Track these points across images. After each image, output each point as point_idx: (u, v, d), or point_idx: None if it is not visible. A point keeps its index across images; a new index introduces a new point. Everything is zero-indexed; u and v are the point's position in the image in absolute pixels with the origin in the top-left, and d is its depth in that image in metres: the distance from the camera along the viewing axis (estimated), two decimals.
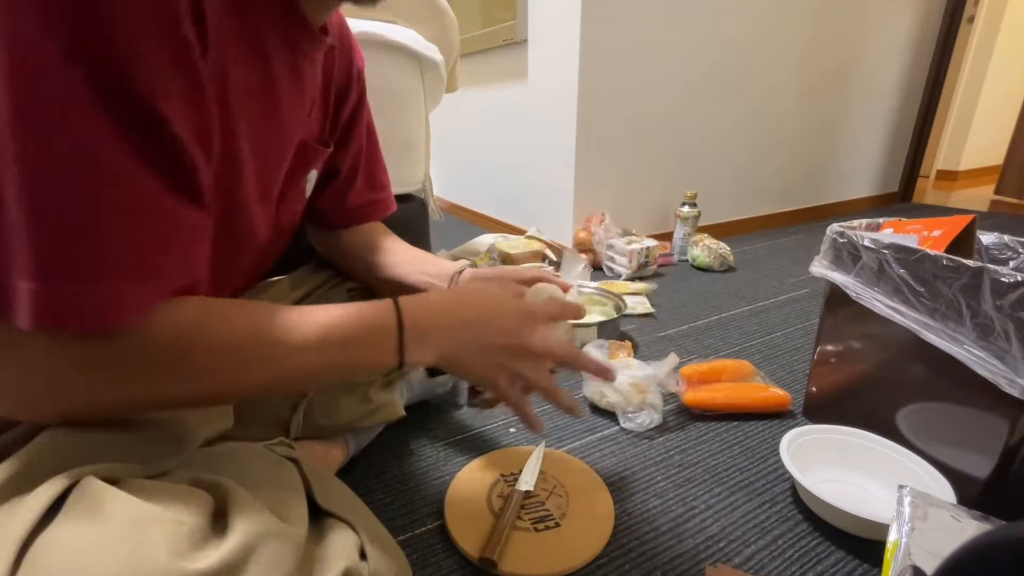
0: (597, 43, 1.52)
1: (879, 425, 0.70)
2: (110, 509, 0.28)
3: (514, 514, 0.61)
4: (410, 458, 0.74)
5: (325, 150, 0.57)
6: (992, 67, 3.04)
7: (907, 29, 2.25)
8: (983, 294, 0.56)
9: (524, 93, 1.82)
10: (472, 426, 0.82)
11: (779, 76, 1.95)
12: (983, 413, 0.59)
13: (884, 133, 2.43)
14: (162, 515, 0.28)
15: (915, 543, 0.43)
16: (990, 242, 0.76)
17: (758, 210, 2.14)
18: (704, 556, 0.59)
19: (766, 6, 1.79)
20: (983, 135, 3.21)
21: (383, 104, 0.94)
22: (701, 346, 1.10)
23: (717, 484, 0.70)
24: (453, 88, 1.17)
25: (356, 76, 0.61)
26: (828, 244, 0.75)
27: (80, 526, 0.27)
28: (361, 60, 0.62)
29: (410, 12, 0.99)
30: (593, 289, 1.23)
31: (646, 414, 0.81)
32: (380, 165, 0.70)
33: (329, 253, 0.70)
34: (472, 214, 2.43)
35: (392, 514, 0.64)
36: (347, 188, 0.65)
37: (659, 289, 1.45)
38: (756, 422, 0.83)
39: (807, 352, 1.05)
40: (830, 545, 0.60)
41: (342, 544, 0.35)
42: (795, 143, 2.12)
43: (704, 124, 1.84)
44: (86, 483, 0.29)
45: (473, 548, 0.57)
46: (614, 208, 1.73)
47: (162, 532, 0.27)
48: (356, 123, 0.63)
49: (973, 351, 0.57)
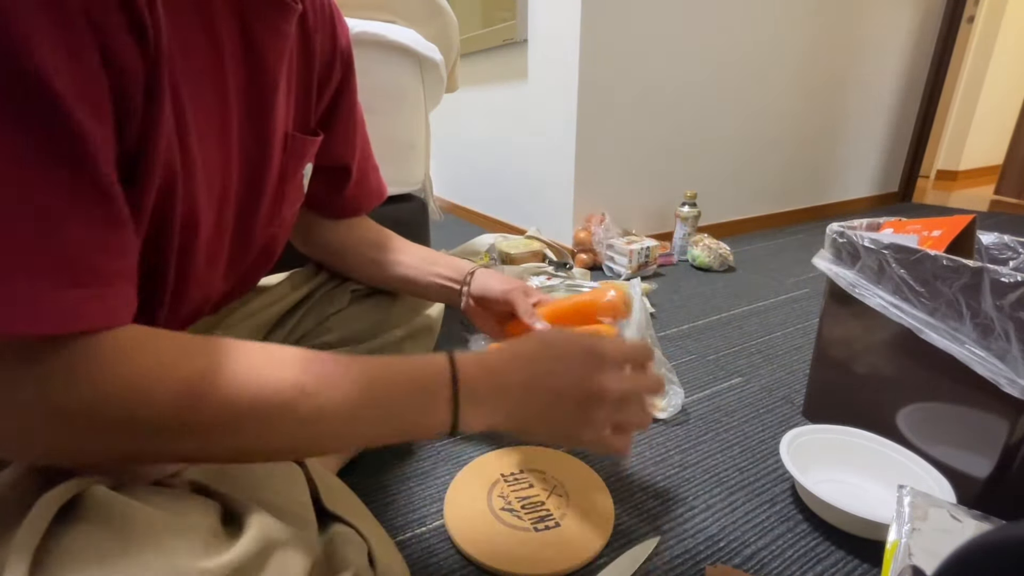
0: (597, 43, 1.52)
1: (879, 425, 0.69)
2: (127, 516, 0.27)
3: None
4: (410, 458, 0.74)
5: (315, 139, 0.52)
6: (992, 67, 3.05)
7: (907, 29, 2.25)
8: (983, 294, 0.56)
9: (524, 93, 1.82)
10: None
11: (779, 76, 1.95)
12: (983, 413, 0.59)
13: (884, 133, 2.43)
14: (176, 521, 0.28)
15: (915, 543, 0.43)
16: (990, 242, 0.76)
17: (758, 210, 2.14)
18: (704, 556, 0.59)
19: (766, 5, 1.80)
20: (983, 135, 3.22)
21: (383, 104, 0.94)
22: (701, 346, 1.10)
23: (717, 484, 0.70)
24: (453, 88, 1.17)
25: (340, 54, 0.54)
26: (828, 244, 0.75)
27: (99, 534, 0.26)
28: (346, 37, 0.56)
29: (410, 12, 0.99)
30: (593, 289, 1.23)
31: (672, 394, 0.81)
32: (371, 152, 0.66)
33: (325, 254, 0.67)
34: (472, 214, 2.43)
35: (392, 514, 0.64)
36: (345, 177, 0.61)
37: (659, 289, 1.45)
38: (756, 422, 0.83)
39: (807, 352, 1.05)
40: (830, 545, 0.60)
41: (350, 549, 0.35)
42: (795, 143, 2.12)
43: (704, 124, 1.84)
44: (96, 491, 0.28)
45: (473, 548, 0.58)
46: (614, 208, 1.73)
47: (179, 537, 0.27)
48: (339, 107, 0.57)
49: (973, 351, 0.57)
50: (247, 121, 0.42)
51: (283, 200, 0.51)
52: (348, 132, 0.59)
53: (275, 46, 0.42)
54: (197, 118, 0.35)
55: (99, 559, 0.25)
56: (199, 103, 0.35)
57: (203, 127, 0.36)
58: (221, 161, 0.40)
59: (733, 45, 1.78)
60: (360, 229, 0.66)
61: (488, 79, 2.05)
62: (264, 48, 0.40)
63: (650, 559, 0.58)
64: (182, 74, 0.33)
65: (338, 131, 0.58)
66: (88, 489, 0.28)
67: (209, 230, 0.40)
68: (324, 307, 0.66)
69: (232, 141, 0.40)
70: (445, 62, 1.04)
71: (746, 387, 0.93)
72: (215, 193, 0.40)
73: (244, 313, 0.61)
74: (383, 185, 0.69)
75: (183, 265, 0.38)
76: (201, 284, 0.43)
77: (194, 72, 0.34)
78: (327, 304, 0.66)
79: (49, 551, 0.25)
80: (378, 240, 0.65)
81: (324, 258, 0.67)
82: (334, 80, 0.55)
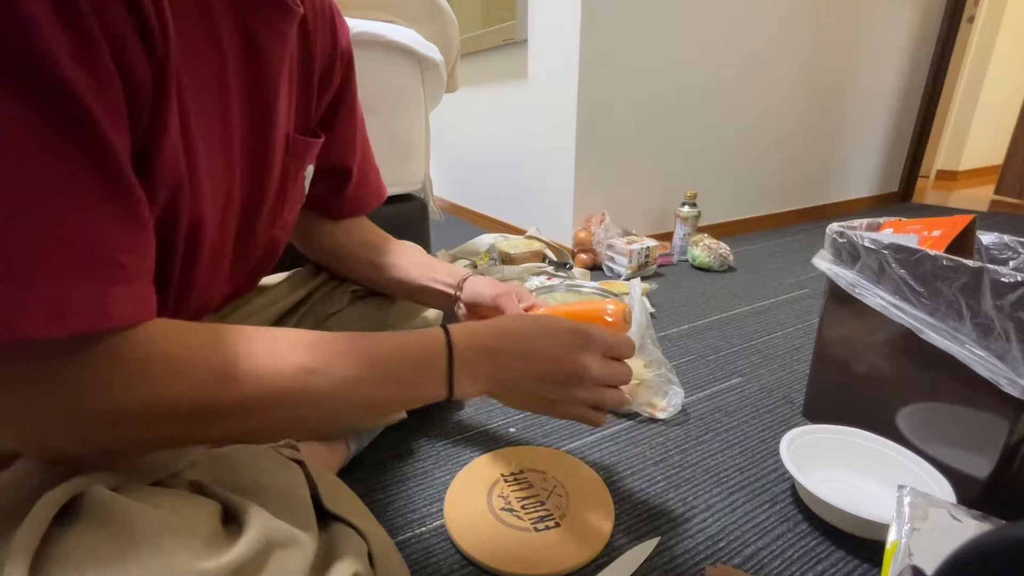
0: (597, 43, 1.52)
1: (879, 425, 0.69)
2: (126, 517, 0.27)
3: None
4: (410, 458, 0.74)
5: (316, 141, 0.52)
6: (992, 67, 3.05)
7: (907, 29, 2.25)
8: (983, 294, 0.56)
9: (524, 93, 1.82)
10: (472, 426, 0.82)
11: (779, 75, 1.95)
12: (983, 413, 0.59)
13: (884, 133, 2.43)
14: (176, 521, 0.28)
15: (915, 543, 0.43)
16: (990, 242, 0.76)
17: (758, 210, 2.14)
18: (704, 556, 0.59)
19: (766, 5, 1.80)
20: (983, 135, 3.22)
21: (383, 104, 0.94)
22: (701, 346, 1.10)
23: (717, 484, 0.70)
24: (453, 88, 1.17)
25: (340, 55, 0.54)
26: (828, 244, 0.75)
27: (98, 535, 0.26)
28: (347, 39, 0.56)
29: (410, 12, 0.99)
30: (592, 289, 1.23)
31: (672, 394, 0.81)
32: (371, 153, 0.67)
33: (324, 256, 0.67)
34: (472, 214, 2.43)
35: (392, 514, 0.64)
36: (346, 178, 0.61)
37: (659, 289, 1.45)
38: (756, 422, 0.83)
39: (807, 352, 1.05)
40: (830, 545, 0.60)
41: (350, 549, 0.35)
42: (795, 143, 2.12)
43: (704, 124, 1.84)
44: (95, 492, 0.28)
45: (473, 548, 0.58)
46: (614, 208, 1.73)
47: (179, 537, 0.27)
48: (340, 108, 0.57)
49: (973, 351, 0.57)
50: (250, 124, 0.42)
51: (285, 202, 0.51)
52: (348, 133, 0.59)
53: (277, 49, 0.42)
54: (202, 122, 0.36)
55: (98, 560, 0.25)
56: (203, 108, 0.36)
57: (208, 131, 0.37)
58: (225, 165, 0.40)
59: (733, 45, 1.78)
60: (359, 232, 0.66)
61: (488, 79, 2.05)
62: (266, 51, 0.40)
63: (650, 559, 0.58)
64: (187, 78, 0.33)
65: (339, 132, 0.58)
66: (88, 490, 0.28)
67: (214, 234, 0.40)
68: (324, 307, 0.66)
69: (236, 145, 0.41)
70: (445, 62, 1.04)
71: (746, 387, 0.93)
72: (220, 197, 0.40)
73: (245, 313, 0.61)
74: (383, 186, 0.69)
75: (188, 269, 0.39)
76: (205, 287, 0.43)
77: (198, 76, 0.35)
78: (327, 304, 0.66)
79: (48, 552, 0.25)
80: (376, 243, 0.65)
81: (323, 259, 0.67)
82: (335, 82, 0.55)
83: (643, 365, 0.84)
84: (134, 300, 0.29)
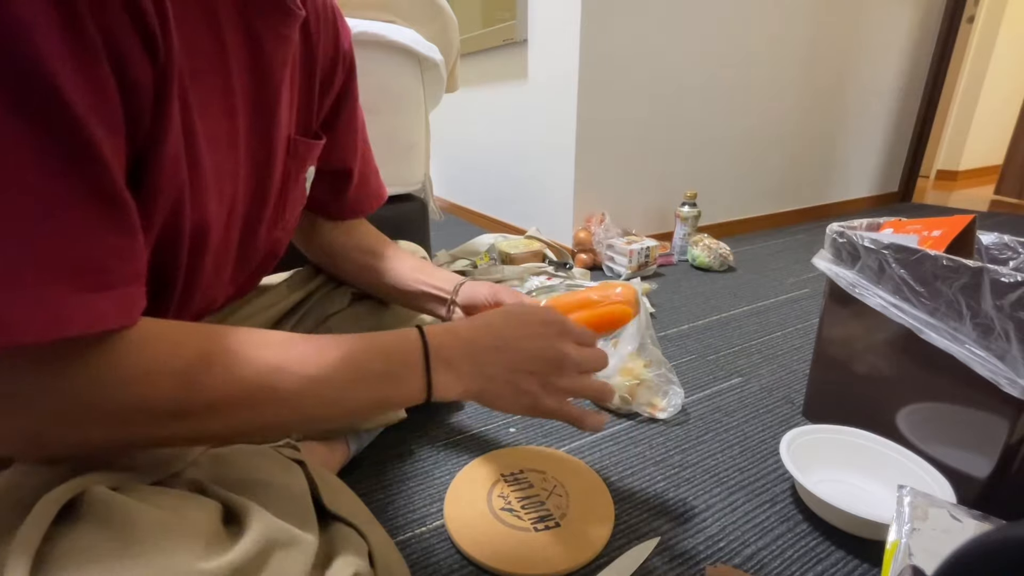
0: (597, 43, 1.52)
1: (879, 425, 0.69)
2: (127, 517, 0.27)
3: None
4: (410, 458, 0.75)
5: (317, 142, 0.53)
6: (992, 67, 3.05)
7: (907, 29, 2.25)
8: (983, 294, 0.56)
9: (524, 93, 1.82)
10: (472, 426, 0.82)
11: (779, 75, 1.95)
12: (983, 413, 0.59)
13: (884, 133, 2.43)
14: (176, 521, 0.28)
15: (915, 543, 0.43)
16: (990, 242, 0.76)
17: (758, 210, 2.14)
18: (704, 556, 0.59)
19: (766, 5, 1.80)
20: (983, 135, 3.22)
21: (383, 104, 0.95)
22: (701, 346, 1.10)
23: (717, 484, 0.70)
24: (453, 88, 1.17)
25: (342, 58, 0.54)
26: (828, 244, 0.75)
27: (99, 535, 0.26)
28: (348, 41, 0.56)
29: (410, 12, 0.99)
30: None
31: (672, 394, 0.81)
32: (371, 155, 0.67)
33: (323, 257, 0.67)
34: (472, 214, 2.43)
35: (392, 514, 0.64)
36: (347, 180, 0.61)
37: (659, 289, 1.45)
38: (756, 422, 0.83)
39: (807, 352, 1.05)
40: (830, 545, 0.60)
41: (350, 549, 0.35)
42: (795, 143, 2.12)
43: (704, 124, 1.84)
44: (96, 492, 0.28)
45: (473, 548, 0.58)
46: (614, 208, 1.73)
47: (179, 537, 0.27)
48: (341, 110, 0.57)
49: (973, 351, 0.57)
50: (253, 126, 0.42)
51: (286, 204, 0.51)
52: (349, 135, 0.60)
53: (279, 51, 0.42)
54: (205, 125, 0.35)
55: (99, 559, 0.25)
56: (207, 110, 0.36)
57: (213, 134, 0.37)
58: (230, 167, 0.40)
59: (733, 45, 1.78)
60: (357, 234, 0.66)
61: (488, 79, 2.05)
62: (269, 53, 0.41)
63: (650, 559, 0.58)
64: (190, 81, 0.33)
65: (340, 134, 0.58)
66: (88, 489, 0.28)
67: (219, 236, 0.41)
68: (324, 308, 0.66)
69: (239, 147, 0.41)
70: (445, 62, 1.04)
71: (746, 387, 0.93)
72: (225, 200, 0.40)
73: (244, 314, 0.61)
74: (383, 188, 0.69)
75: (191, 271, 0.39)
76: (208, 287, 0.43)
77: (203, 79, 0.35)
78: (327, 305, 0.66)
79: (49, 552, 0.25)
80: (373, 247, 0.65)
81: (322, 260, 0.68)
82: (336, 84, 0.55)
83: (643, 365, 0.85)
84: (122, 305, 0.29)
